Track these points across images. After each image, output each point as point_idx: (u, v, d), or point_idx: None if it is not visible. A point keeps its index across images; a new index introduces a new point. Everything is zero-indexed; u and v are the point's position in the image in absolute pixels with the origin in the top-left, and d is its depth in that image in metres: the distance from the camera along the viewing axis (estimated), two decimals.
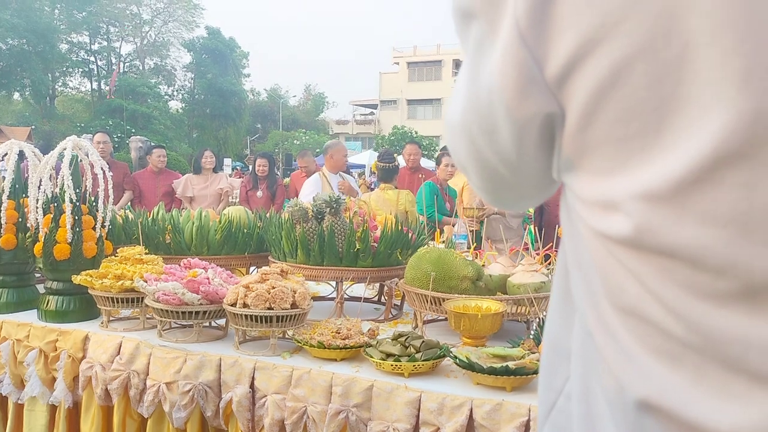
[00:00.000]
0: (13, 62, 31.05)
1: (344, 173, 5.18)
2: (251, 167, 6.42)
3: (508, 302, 1.98)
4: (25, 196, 2.42)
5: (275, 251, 2.45)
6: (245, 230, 2.61)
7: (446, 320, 2.02)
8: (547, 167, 0.54)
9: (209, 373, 1.87)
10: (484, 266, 2.18)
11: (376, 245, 2.31)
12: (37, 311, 2.28)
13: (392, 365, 1.68)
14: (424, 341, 1.75)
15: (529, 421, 1.49)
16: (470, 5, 0.50)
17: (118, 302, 2.12)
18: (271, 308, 1.85)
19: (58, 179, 2.30)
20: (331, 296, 2.68)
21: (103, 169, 2.33)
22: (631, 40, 0.42)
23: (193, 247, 2.56)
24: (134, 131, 27.56)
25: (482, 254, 2.34)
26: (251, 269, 2.68)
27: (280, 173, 13.39)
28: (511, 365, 1.57)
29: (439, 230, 2.51)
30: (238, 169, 21.34)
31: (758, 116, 0.38)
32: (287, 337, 2.00)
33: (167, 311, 1.96)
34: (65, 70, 36.40)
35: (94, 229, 2.32)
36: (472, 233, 3.52)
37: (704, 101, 0.40)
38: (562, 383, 0.60)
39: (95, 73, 37.76)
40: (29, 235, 2.35)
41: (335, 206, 2.30)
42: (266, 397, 1.78)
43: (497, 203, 0.67)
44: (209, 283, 2.00)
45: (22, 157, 2.44)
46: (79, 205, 2.28)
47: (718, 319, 0.42)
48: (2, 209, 2.34)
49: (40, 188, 2.28)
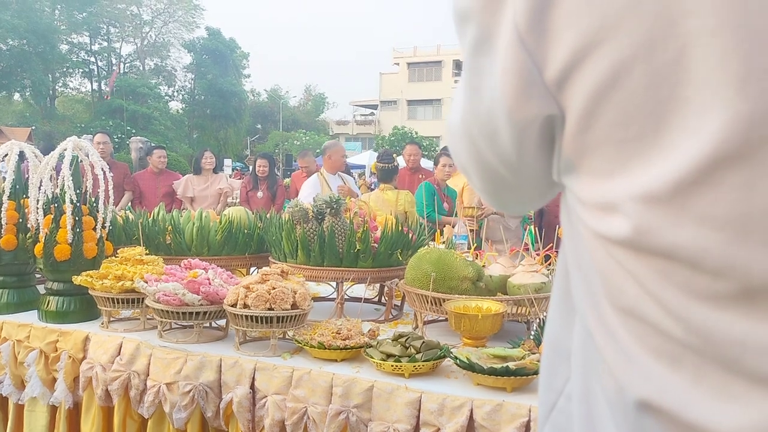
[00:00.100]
0: (13, 63, 31.08)
1: (344, 174, 5.17)
2: (251, 168, 6.42)
3: (508, 303, 1.98)
4: (25, 196, 2.42)
5: (275, 252, 2.45)
6: (246, 231, 2.61)
7: (446, 321, 2.02)
8: (547, 169, 0.54)
9: (210, 373, 1.87)
10: (484, 267, 2.18)
11: (376, 246, 2.31)
12: (37, 312, 2.28)
13: (393, 366, 1.68)
14: (424, 342, 1.75)
15: (529, 421, 1.49)
16: (470, 9, 0.50)
17: (118, 303, 2.12)
18: (271, 309, 1.85)
19: (58, 180, 2.30)
20: (331, 297, 2.69)
21: (103, 169, 2.33)
22: (630, 41, 0.42)
23: (193, 247, 2.56)
24: (134, 132, 27.58)
25: (482, 255, 2.34)
26: (252, 270, 2.68)
27: (280, 174, 13.40)
28: (511, 366, 1.57)
29: (439, 231, 2.51)
30: (238, 169, 21.33)
31: (756, 118, 0.39)
32: (288, 337, 2.00)
33: (168, 312, 1.96)
34: (65, 70, 36.42)
35: (94, 229, 2.32)
36: (472, 233, 3.52)
37: (703, 103, 0.40)
38: (562, 384, 0.60)
39: (95, 73, 37.78)
40: (30, 235, 2.35)
41: (335, 207, 2.30)
42: (266, 397, 1.78)
43: (499, 205, 0.67)
44: (210, 283, 2.00)
45: (22, 157, 2.44)
46: (79, 205, 2.28)
47: (716, 320, 0.42)
48: (3, 210, 2.34)
49: (40, 189, 2.28)
